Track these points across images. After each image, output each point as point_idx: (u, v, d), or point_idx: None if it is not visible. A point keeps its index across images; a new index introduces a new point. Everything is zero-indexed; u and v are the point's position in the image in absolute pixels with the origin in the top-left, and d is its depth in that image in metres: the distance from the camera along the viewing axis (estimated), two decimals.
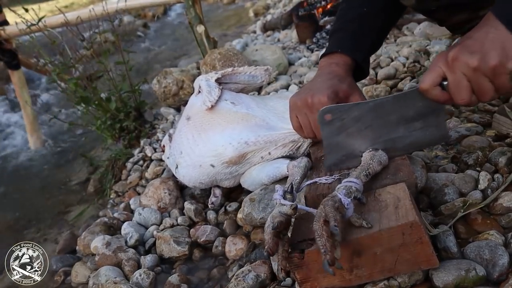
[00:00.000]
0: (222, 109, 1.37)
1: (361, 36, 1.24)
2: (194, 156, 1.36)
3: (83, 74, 2.27)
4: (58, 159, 3.08)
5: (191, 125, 1.40)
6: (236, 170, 1.33)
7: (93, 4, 3.08)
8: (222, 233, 1.34)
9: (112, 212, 1.67)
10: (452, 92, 0.88)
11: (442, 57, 0.89)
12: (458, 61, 0.85)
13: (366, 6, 1.25)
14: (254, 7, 6.04)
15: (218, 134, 1.33)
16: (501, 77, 0.83)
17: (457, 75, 0.86)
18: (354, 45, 1.22)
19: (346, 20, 1.28)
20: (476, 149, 1.21)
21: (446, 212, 1.00)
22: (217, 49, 2.46)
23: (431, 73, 0.90)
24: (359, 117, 1.01)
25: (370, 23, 1.25)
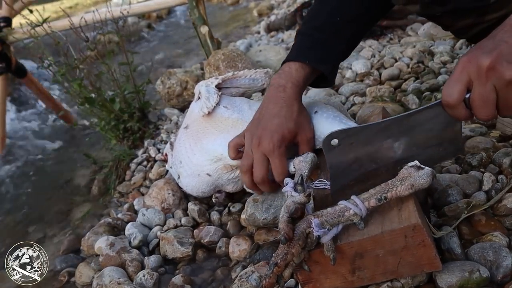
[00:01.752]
0: (216, 115, 1.36)
1: (330, 47, 1.18)
2: (192, 165, 1.36)
3: (87, 74, 2.27)
4: (61, 159, 3.09)
5: (189, 134, 1.40)
6: (235, 176, 1.33)
7: (97, 4, 3.09)
8: (226, 234, 1.34)
9: (116, 213, 1.68)
10: (477, 106, 0.79)
11: (473, 64, 0.77)
12: (493, 72, 0.75)
13: (339, 14, 1.18)
14: (258, 7, 6.04)
15: (210, 143, 1.33)
16: None
17: (487, 88, 0.76)
18: (322, 57, 1.16)
19: (316, 27, 1.20)
20: (480, 150, 1.20)
21: (449, 213, 1.00)
22: (221, 50, 2.46)
23: (458, 83, 0.80)
24: (370, 139, 0.93)
25: (341, 32, 1.18)
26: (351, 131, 0.93)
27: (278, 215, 1.17)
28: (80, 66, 2.26)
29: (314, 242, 0.84)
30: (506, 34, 0.77)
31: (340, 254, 0.81)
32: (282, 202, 1.19)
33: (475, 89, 0.78)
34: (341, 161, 0.94)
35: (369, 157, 0.95)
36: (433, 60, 2.00)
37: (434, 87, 1.73)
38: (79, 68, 2.27)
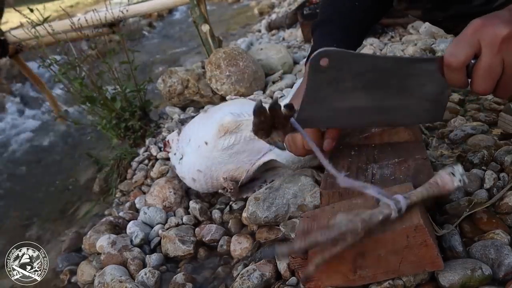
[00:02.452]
0: (235, 99, 1.43)
1: (349, 32, 1.12)
2: (198, 138, 1.37)
3: (88, 73, 2.27)
4: (63, 158, 3.09)
5: (205, 115, 1.45)
6: (229, 146, 1.32)
7: (98, 3, 3.08)
8: (227, 232, 1.34)
9: (117, 211, 1.68)
10: (479, 76, 0.75)
11: (488, 31, 0.72)
12: (508, 44, 0.70)
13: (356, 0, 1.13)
14: (259, 6, 6.05)
15: (218, 113, 1.38)
16: None
17: (496, 60, 0.72)
18: (345, 42, 1.09)
19: (335, 12, 1.15)
20: (481, 148, 1.20)
21: (451, 211, 1.00)
22: (222, 48, 2.46)
23: (466, 46, 0.74)
24: (361, 71, 0.85)
25: (359, 18, 1.14)
26: (346, 56, 0.83)
27: (279, 214, 1.17)
28: (81, 65, 2.26)
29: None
30: None
31: (342, 253, 0.81)
32: (283, 200, 1.19)
33: (483, 58, 0.74)
34: (322, 87, 0.86)
35: (354, 92, 0.88)
36: None
37: None
38: (80, 67, 2.27)
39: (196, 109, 2.45)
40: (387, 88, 0.88)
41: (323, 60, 0.81)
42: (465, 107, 1.49)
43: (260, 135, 0.82)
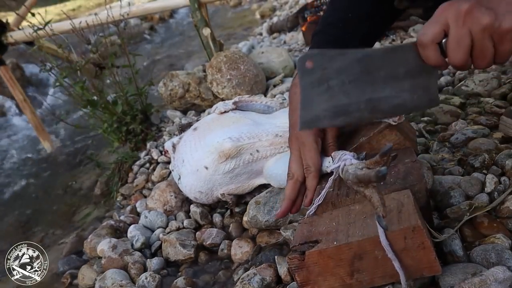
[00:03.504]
0: (225, 116, 1.40)
1: (340, 42, 1.17)
2: (193, 161, 1.37)
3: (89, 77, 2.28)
4: (65, 162, 3.10)
5: (195, 134, 1.42)
6: (230, 170, 1.32)
7: (100, 7, 3.09)
8: (228, 236, 1.34)
9: (118, 215, 1.68)
10: (451, 49, 0.81)
11: (452, 8, 0.79)
12: (470, 16, 0.77)
13: (350, 11, 1.19)
14: (260, 9, 6.06)
15: (212, 137, 1.35)
16: (508, 44, 0.78)
17: (463, 31, 0.78)
18: None
19: (329, 24, 1.21)
20: (482, 152, 1.20)
21: (452, 215, 1.00)
22: (223, 51, 2.46)
23: (435, 24, 0.81)
24: (344, 68, 0.89)
25: (353, 29, 1.19)
26: (327, 55, 0.89)
27: (279, 218, 1.17)
28: (83, 68, 2.27)
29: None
30: None
31: (339, 255, 0.81)
32: None
33: (451, 32, 0.80)
34: (313, 87, 0.90)
35: (342, 89, 0.91)
36: None
37: None
38: (81, 70, 2.27)
39: (197, 113, 2.46)
40: (374, 80, 0.91)
41: (308, 62, 0.87)
42: (466, 110, 1.49)
43: None
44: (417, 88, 0.93)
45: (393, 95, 0.92)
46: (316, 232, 0.88)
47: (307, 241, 0.86)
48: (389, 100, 0.92)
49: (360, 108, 0.93)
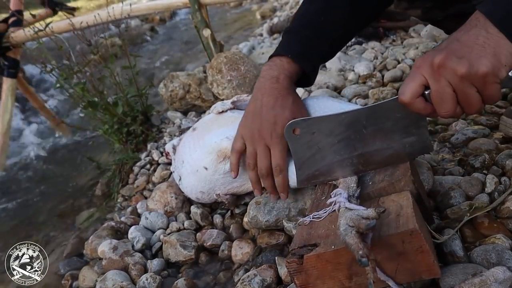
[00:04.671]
0: (223, 116, 1.39)
1: (312, 45, 1.18)
2: (192, 162, 1.36)
3: (90, 78, 2.28)
4: (65, 163, 3.10)
5: (194, 134, 1.41)
6: (229, 168, 1.32)
7: (100, 8, 3.10)
8: (229, 237, 1.34)
9: (119, 216, 1.68)
10: (435, 102, 0.81)
11: (426, 63, 0.81)
12: (444, 68, 0.78)
13: (325, 14, 1.20)
14: (261, 10, 6.05)
15: (210, 137, 1.34)
16: (490, 87, 0.77)
17: (441, 84, 0.79)
18: (304, 52, 1.17)
19: (301, 24, 1.22)
20: (483, 152, 1.20)
21: (452, 215, 1.00)
22: (223, 52, 2.46)
23: (412, 82, 0.83)
24: (331, 130, 0.95)
25: (324, 33, 1.19)
26: (312, 121, 0.95)
27: (280, 218, 1.17)
28: (83, 70, 2.27)
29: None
30: (459, 33, 0.80)
31: (337, 259, 0.81)
32: (284, 204, 1.19)
33: (431, 87, 0.80)
34: (304, 150, 0.97)
35: (332, 149, 0.96)
36: None
37: None
38: (82, 72, 2.28)
39: (198, 114, 2.46)
40: (362, 137, 0.95)
41: (296, 130, 0.96)
42: None
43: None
44: (407, 137, 0.95)
45: (384, 147, 0.96)
46: (315, 235, 0.88)
47: (306, 244, 0.86)
48: (381, 152, 0.96)
49: (353, 162, 0.98)
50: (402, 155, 0.97)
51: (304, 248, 0.85)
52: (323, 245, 0.83)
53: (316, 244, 0.85)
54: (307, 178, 1.01)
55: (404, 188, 0.90)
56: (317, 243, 0.85)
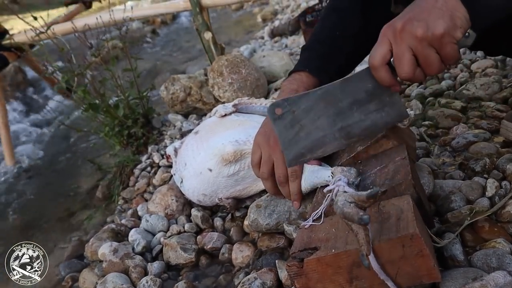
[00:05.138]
0: (227, 119, 1.40)
1: (329, 59, 1.24)
2: (195, 164, 1.37)
3: (91, 80, 2.28)
4: (66, 165, 3.10)
5: (197, 137, 1.42)
6: (234, 173, 1.32)
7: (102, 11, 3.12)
8: (229, 240, 1.34)
9: (119, 219, 1.68)
10: (396, 65, 0.86)
11: (390, 29, 0.86)
12: (404, 32, 0.83)
13: (338, 29, 1.25)
14: (262, 13, 6.06)
15: (215, 139, 1.36)
16: (448, 47, 0.82)
17: (402, 47, 0.84)
18: (320, 66, 1.22)
19: (317, 40, 1.28)
20: (483, 156, 1.20)
21: (452, 219, 1.00)
22: (224, 55, 2.47)
23: (380, 46, 0.88)
24: (310, 107, 0.98)
25: (339, 47, 1.25)
26: (291, 100, 0.98)
27: (280, 221, 1.17)
28: (84, 72, 2.27)
29: None
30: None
31: (337, 262, 0.81)
32: (285, 208, 1.19)
33: (393, 50, 0.86)
34: (288, 130, 1.00)
35: (314, 125, 0.99)
36: None
37: (438, 92, 1.73)
38: (83, 74, 2.28)
39: (199, 116, 2.46)
40: (340, 110, 0.99)
41: (277, 110, 0.98)
42: (467, 114, 1.49)
43: None
44: (382, 106, 0.99)
45: (362, 119, 1.00)
46: (315, 239, 0.88)
47: (306, 247, 0.86)
48: (359, 124, 1.00)
49: (336, 137, 1.01)
50: (380, 125, 1.01)
51: (305, 251, 0.85)
52: (323, 248, 0.83)
53: (317, 247, 0.84)
54: (294, 157, 1.02)
55: (404, 192, 0.89)
56: (317, 247, 0.85)
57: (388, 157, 1.01)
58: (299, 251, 0.86)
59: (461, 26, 0.81)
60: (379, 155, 1.04)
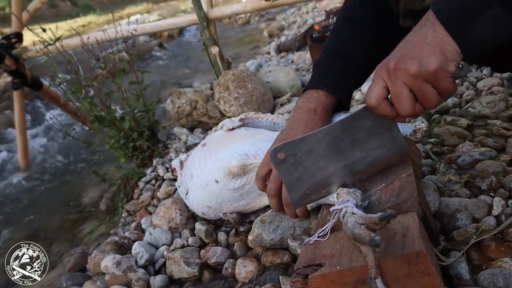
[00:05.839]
0: (235, 132, 1.40)
1: (345, 74, 1.23)
2: (202, 176, 1.37)
3: (98, 92, 2.29)
4: (71, 177, 3.10)
5: (205, 149, 1.42)
6: (240, 186, 1.32)
7: (110, 23, 3.13)
8: (233, 255, 1.33)
9: (123, 231, 1.68)
10: (395, 104, 0.87)
11: (383, 68, 0.87)
12: (398, 70, 0.83)
13: (353, 43, 1.24)
14: (268, 28, 6.10)
15: (224, 151, 1.35)
16: (443, 81, 0.82)
17: (398, 85, 0.84)
18: (337, 83, 1.21)
19: (332, 55, 1.27)
20: (489, 174, 1.19)
21: (458, 238, 0.99)
22: (231, 70, 2.47)
23: (375, 86, 0.89)
24: (312, 149, 0.98)
25: (355, 61, 1.24)
26: (293, 143, 0.98)
27: (285, 236, 1.17)
28: (91, 84, 2.28)
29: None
30: (411, 35, 0.86)
31: (342, 279, 0.80)
32: (289, 223, 1.18)
33: (390, 89, 0.86)
34: (291, 173, 1.00)
35: (317, 166, 0.99)
36: None
37: (444, 110, 1.73)
38: (90, 86, 2.29)
39: (204, 130, 2.46)
40: (342, 149, 0.99)
41: (279, 154, 0.98)
42: (473, 132, 1.49)
43: None
44: (383, 142, 0.99)
45: (364, 156, 1.00)
46: (320, 255, 0.87)
47: (311, 264, 0.86)
48: (362, 161, 1.00)
49: (340, 175, 1.01)
50: (382, 160, 1.01)
51: (309, 267, 0.85)
52: (328, 265, 0.83)
53: (321, 264, 0.84)
54: (300, 199, 1.02)
55: (410, 209, 0.89)
56: (322, 263, 0.84)
57: (394, 174, 1.00)
58: (303, 267, 0.86)
59: (453, 60, 0.81)
60: (385, 171, 1.03)
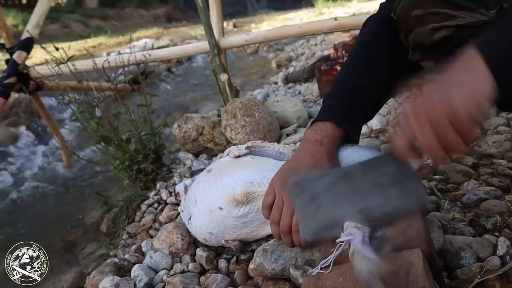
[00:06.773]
0: (242, 159, 1.41)
1: (354, 107, 1.23)
2: (206, 202, 1.37)
3: (106, 113, 2.31)
4: (72, 196, 3.10)
5: (210, 175, 1.43)
6: (243, 214, 1.32)
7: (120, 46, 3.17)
8: (233, 283, 1.32)
9: (123, 253, 1.67)
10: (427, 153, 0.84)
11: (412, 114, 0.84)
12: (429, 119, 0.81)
13: (364, 77, 1.25)
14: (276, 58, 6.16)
15: (230, 178, 1.36)
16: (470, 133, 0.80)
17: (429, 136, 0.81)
18: (346, 116, 1.22)
19: (343, 88, 1.27)
20: (494, 214, 1.19)
21: (462, 276, 0.98)
22: (238, 98, 2.49)
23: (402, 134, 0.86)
24: (330, 186, 0.97)
25: (366, 95, 1.24)
26: (312, 178, 0.98)
27: (286, 266, 1.16)
28: (100, 104, 2.30)
29: None
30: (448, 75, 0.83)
31: None
32: (291, 253, 1.17)
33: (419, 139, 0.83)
34: (306, 206, 0.98)
35: (333, 204, 0.97)
36: None
37: None
38: (99, 107, 2.31)
39: (209, 157, 2.47)
40: (361, 192, 0.97)
41: (296, 188, 0.98)
42: (479, 171, 1.49)
43: None
44: (404, 193, 0.95)
45: (383, 203, 0.95)
46: (322, 287, 0.87)
47: None
48: (380, 208, 0.96)
49: (354, 218, 0.96)
50: (400, 211, 0.96)
51: None
52: None
53: None
54: (310, 233, 1.00)
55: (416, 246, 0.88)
56: None
57: None
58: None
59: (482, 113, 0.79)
60: None
